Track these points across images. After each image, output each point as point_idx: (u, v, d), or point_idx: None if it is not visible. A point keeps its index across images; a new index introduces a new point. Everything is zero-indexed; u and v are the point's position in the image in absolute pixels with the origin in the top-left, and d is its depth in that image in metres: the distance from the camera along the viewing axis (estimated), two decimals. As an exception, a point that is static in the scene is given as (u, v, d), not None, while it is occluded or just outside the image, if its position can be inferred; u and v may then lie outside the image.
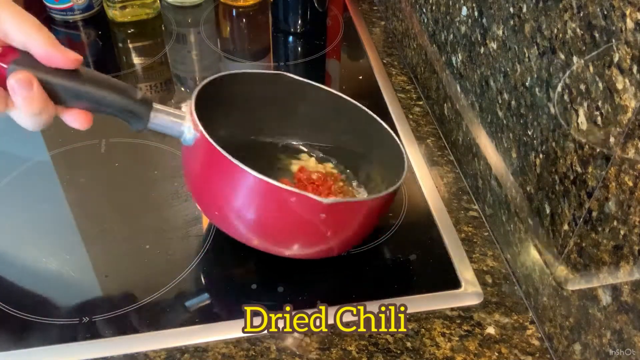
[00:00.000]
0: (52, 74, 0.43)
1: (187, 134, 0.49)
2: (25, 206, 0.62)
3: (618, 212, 0.40)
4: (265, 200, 0.49)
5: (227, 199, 0.50)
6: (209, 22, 0.90)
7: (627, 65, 0.38)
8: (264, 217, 0.50)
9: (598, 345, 0.44)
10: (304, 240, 0.52)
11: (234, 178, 0.48)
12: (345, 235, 0.53)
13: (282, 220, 0.50)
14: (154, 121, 0.48)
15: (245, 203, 0.50)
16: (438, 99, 0.73)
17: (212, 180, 0.50)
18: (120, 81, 0.48)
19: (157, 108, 0.48)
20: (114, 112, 0.47)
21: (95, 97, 0.46)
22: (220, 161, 0.47)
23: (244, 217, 0.51)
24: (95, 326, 0.51)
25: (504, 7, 0.54)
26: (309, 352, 0.50)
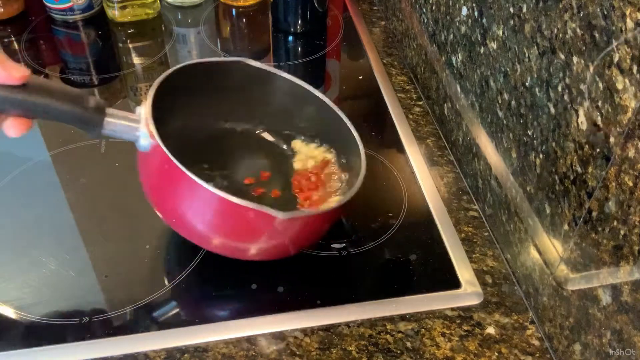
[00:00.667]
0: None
1: (142, 140, 0.48)
2: (25, 206, 0.62)
3: (618, 212, 0.40)
4: (222, 214, 0.48)
5: (184, 211, 0.50)
6: (209, 22, 0.90)
7: (627, 65, 0.38)
8: (220, 227, 0.50)
9: (598, 345, 0.44)
10: (258, 247, 0.52)
11: (190, 191, 0.47)
12: (301, 240, 0.54)
13: (239, 231, 0.50)
14: (108, 128, 0.47)
15: (203, 215, 0.49)
16: (438, 99, 0.73)
17: (167, 189, 0.50)
18: (72, 88, 0.47)
19: (110, 114, 0.47)
20: (67, 121, 0.46)
21: (45, 108, 0.45)
22: (176, 173, 0.46)
23: (201, 228, 0.51)
24: (95, 326, 0.51)
25: (504, 7, 0.54)
26: (309, 352, 0.50)
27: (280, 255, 0.54)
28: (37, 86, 0.44)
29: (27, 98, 0.43)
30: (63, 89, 0.46)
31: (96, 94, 0.78)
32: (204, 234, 0.51)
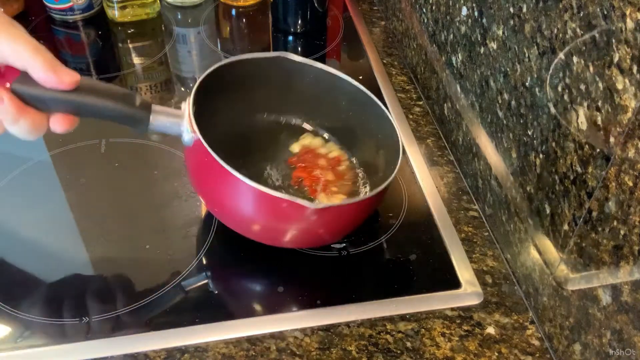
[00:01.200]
0: (52, 91, 0.45)
1: (186, 135, 0.51)
2: (25, 206, 0.62)
3: (618, 212, 0.40)
4: (259, 205, 0.51)
5: (224, 200, 0.53)
6: (209, 22, 0.90)
7: (627, 65, 0.38)
8: (258, 218, 0.52)
9: (598, 345, 0.44)
10: (297, 236, 0.54)
11: (229, 184, 0.50)
12: (337, 230, 0.55)
13: (276, 221, 0.52)
14: (154, 124, 0.50)
15: (241, 205, 0.52)
16: (438, 99, 0.73)
17: (209, 181, 0.53)
18: (119, 88, 0.49)
19: (156, 110, 0.50)
20: (114, 119, 0.49)
21: (95, 108, 0.47)
22: (216, 167, 0.49)
23: (240, 216, 0.53)
24: (95, 326, 0.51)
25: (504, 7, 0.54)
26: (309, 352, 0.50)
27: (317, 243, 0.56)
28: (88, 87, 0.47)
29: (78, 99, 0.46)
30: (111, 88, 0.49)
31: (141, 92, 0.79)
32: (243, 223, 0.54)
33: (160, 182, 0.64)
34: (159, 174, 0.65)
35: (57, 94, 0.46)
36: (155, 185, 0.64)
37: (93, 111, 0.48)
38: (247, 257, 0.57)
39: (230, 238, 0.58)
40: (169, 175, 0.65)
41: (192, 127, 0.50)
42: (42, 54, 0.44)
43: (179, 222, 0.60)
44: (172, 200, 0.62)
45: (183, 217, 0.61)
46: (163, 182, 0.64)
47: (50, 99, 0.46)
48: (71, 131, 0.48)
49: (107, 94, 0.48)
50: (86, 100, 0.47)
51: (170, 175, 0.65)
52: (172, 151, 0.67)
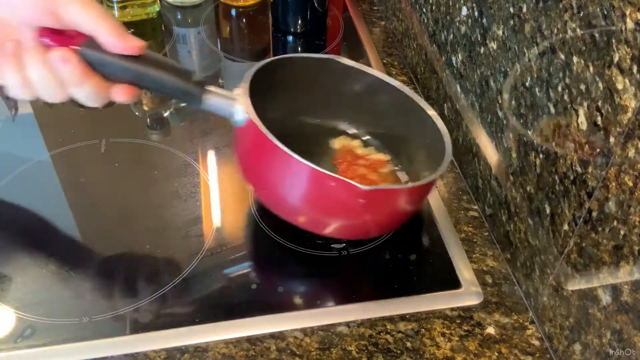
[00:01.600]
0: (117, 57, 0.47)
1: (237, 116, 0.52)
2: (25, 206, 0.62)
3: (618, 212, 0.40)
4: (309, 184, 0.51)
5: (274, 181, 0.53)
6: (209, 22, 0.90)
7: (627, 65, 0.38)
8: (307, 199, 0.53)
9: (598, 345, 0.44)
10: (344, 222, 0.54)
11: (280, 162, 0.50)
12: (383, 220, 0.55)
13: (324, 203, 0.52)
14: (207, 102, 0.52)
15: (290, 185, 0.52)
16: (438, 99, 0.73)
17: (260, 161, 0.54)
18: (178, 64, 0.52)
19: (210, 90, 0.51)
20: (172, 92, 0.51)
21: (155, 79, 0.49)
22: (268, 145, 0.49)
23: (289, 198, 0.54)
24: (95, 326, 0.51)
25: (504, 7, 0.54)
26: (309, 352, 0.50)
27: (362, 233, 0.56)
28: (151, 59, 0.49)
29: (141, 69, 0.49)
30: (172, 63, 0.51)
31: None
32: (293, 206, 0.54)
33: (160, 182, 0.64)
34: (159, 174, 0.65)
35: (123, 61, 0.48)
36: (155, 185, 0.64)
37: (153, 82, 0.50)
38: (247, 257, 0.57)
39: (231, 238, 0.58)
40: (169, 175, 0.65)
41: (247, 107, 0.51)
42: (109, 19, 0.46)
43: (179, 222, 0.60)
44: (172, 200, 0.62)
45: (183, 217, 0.61)
46: (163, 182, 0.64)
47: (116, 65, 0.48)
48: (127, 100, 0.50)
49: (168, 68, 0.50)
50: (148, 70, 0.49)
51: (170, 175, 0.65)
52: (172, 151, 0.67)
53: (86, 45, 0.47)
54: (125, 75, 0.49)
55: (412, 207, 0.56)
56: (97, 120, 0.73)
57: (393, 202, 0.53)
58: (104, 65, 0.48)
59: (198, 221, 0.60)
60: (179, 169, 0.65)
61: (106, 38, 0.46)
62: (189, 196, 0.63)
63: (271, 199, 0.56)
